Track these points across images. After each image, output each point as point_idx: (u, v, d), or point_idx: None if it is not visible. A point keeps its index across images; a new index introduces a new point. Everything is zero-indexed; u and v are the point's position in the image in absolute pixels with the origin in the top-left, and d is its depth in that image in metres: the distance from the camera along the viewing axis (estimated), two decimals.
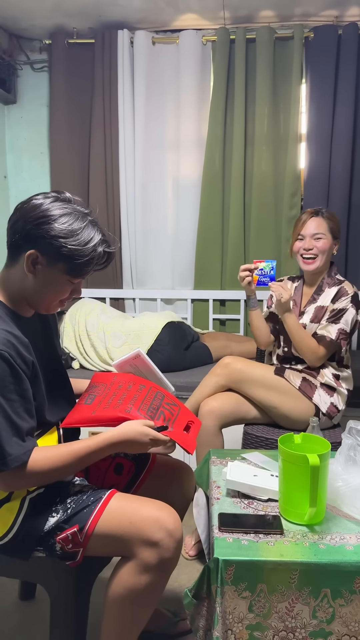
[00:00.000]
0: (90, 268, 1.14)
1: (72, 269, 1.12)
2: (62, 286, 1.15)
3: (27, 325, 1.19)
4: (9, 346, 1.06)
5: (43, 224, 1.08)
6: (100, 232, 1.14)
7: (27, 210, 1.10)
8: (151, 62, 2.82)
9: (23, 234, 1.10)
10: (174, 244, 2.98)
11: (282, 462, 1.24)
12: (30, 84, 3.02)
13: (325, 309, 1.87)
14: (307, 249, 1.86)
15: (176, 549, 1.13)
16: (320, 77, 2.68)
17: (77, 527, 1.13)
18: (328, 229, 1.87)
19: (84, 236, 1.10)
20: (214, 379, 1.92)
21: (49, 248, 1.09)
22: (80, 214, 1.12)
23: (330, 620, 1.11)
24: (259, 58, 2.71)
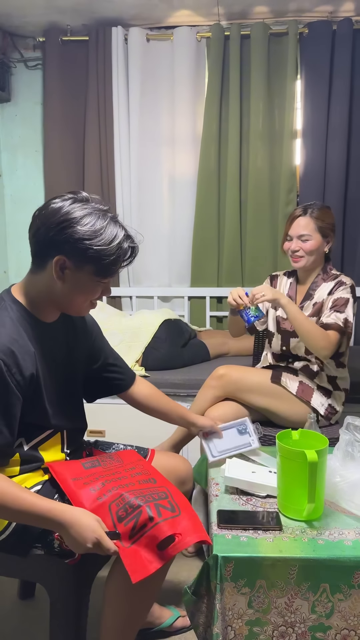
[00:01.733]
0: (118, 266, 1.13)
1: (100, 269, 1.11)
2: (92, 288, 1.15)
3: (45, 331, 1.19)
4: (7, 353, 1.06)
5: (66, 228, 1.07)
6: (123, 228, 1.13)
7: (47, 216, 1.09)
8: (145, 59, 2.81)
9: (47, 241, 1.09)
10: (170, 241, 2.98)
11: (281, 458, 1.24)
12: (24, 82, 3.00)
13: (323, 302, 1.84)
14: (294, 250, 1.84)
15: None
16: (315, 73, 2.68)
17: None
18: (316, 228, 1.82)
19: (108, 235, 1.09)
20: (211, 392, 1.88)
21: (75, 252, 1.08)
22: (101, 212, 1.11)
23: (330, 614, 1.12)
24: (253, 54, 2.70)
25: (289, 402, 1.82)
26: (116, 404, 1.48)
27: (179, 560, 1.78)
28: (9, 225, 3.12)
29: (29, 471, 1.21)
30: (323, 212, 1.85)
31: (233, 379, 1.85)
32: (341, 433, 1.36)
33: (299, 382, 1.85)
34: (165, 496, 1.15)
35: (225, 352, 2.70)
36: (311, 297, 1.89)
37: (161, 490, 1.17)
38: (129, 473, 1.24)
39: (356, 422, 1.35)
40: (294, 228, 1.84)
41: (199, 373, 2.40)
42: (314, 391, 1.84)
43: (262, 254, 2.86)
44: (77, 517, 1.05)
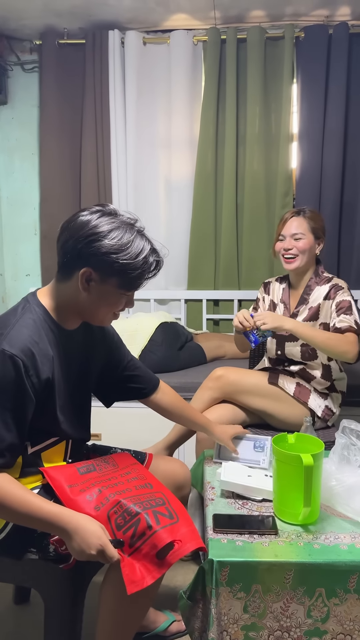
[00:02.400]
0: (143, 279, 1.15)
1: (125, 282, 1.13)
2: (116, 300, 1.17)
3: (65, 337, 1.20)
4: (27, 355, 1.07)
5: (94, 241, 1.09)
6: (149, 242, 1.15)
7: (76, 228, 1.11)
8: (142, 62, 2.82)
9: (75, 253, 1.11)
10: (166, 244, 2.89)
11: (276, 462, 1.24)
12: (20, 85, 3.00)
13: (319, 306, 1.85)
14: (287, 249, 1.84)
15: None
16: (311, 77, 2.69)
17: None
18: (309, 228, 1.84)
19: (134, 249, 1.10)
20: (208, 393, 1.87)
21: (101, 265, 1.10)
22: (128, 225, 1.13)
23: (325, 619, 1.12)
24: (250, 58, 2.71)
25: (286, 404, 1.82)
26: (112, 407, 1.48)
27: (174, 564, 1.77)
28: (5, 227, 3.12)
29: (27, 475, 1.20)
30: (315, 214, 1.89)
31: (230, 380, 1.85)
32: (337, 437, 1.36)
33: (296, 384, 1.85)
34: (162, 502, 1.15)
35: (222, 355, 2.70)
36: (306, 302, 1.88)
37: (158, 497, 1.16)
38: (125, 478, 1.24)
39: (352, 426, 1.35)
40: (287, 228, 1.85)
41: (196, 376, 2.39)
42: (311, 392, 1.84)
43: (259, 257, 2.86)
44: (82, 523, 1.05)
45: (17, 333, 1.09)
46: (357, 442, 1.33)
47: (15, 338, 1.08)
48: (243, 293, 2.90)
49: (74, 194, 2.93)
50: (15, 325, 1.11)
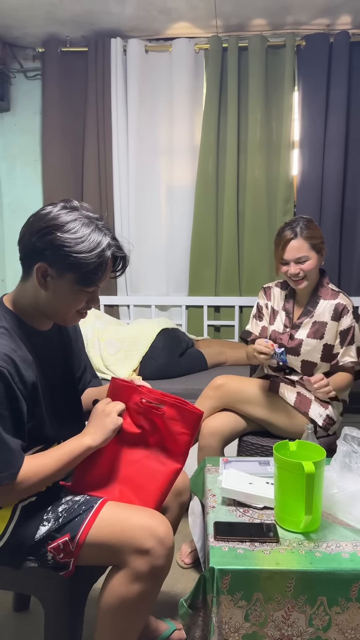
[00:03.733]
0: (101, 275, 1.11)
1: (81, 277, 1.09)
2: (75, 297, 1.12)
3: (40, 339, 1.18)
4: (8, 363, 1.05)
5: (47, 234, 1.06)
6: (109, 237, 1.11)
7: (33, 222, 1.09)
8: (144, 70, 2.84)
9: (30, 247, 1.08)
10: (168, 251, 2.99)
11: (278, 469, 1.23)
12: (23, 92, 3.02)
13: (325, 325, 1.82)
14: (294, 274, 1.80)
15: (167, 557, 1.12)
16: (312, 85, 2.70)
17: (69, 536, 1.11)
18: (310, 247, 1.79)
19: (89, 242, 1.07)
20: (209, 402, 1.86)
21: (55, 259, 1.07)
22: (88, 219, 1.10)
23: (327, 628, 1.11)
24: (251, 66, 2.72)
25: (286, 413, 1.82)
26: None
27: (174, 572, 1.77)
28: (7, 233, 3.13)
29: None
30: (311, 229, 1.82)
31: (231, 389, 1.85)
32: (339, 444, 1.35)
33: (297, 393, 1.84)
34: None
35: (223, 361, 2.70)
36: (310, 314, 1.86)
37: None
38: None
39: (354, 433, 1.35)
40: (288, 252, 1.79)
41: (197, 382, 2.39)
42: (311, 402, 1.83)
43: (260, 263, 2.86)
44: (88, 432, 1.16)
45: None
46: (359, 450, 1.32)
47: None
48: (244, 299, 2.90)
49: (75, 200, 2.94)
50: None
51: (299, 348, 1.85)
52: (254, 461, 1.59)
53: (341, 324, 1.83)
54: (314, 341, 1.84)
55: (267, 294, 2.00)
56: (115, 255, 1.13)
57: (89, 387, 1.42)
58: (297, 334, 1.87)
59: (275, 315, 1.95)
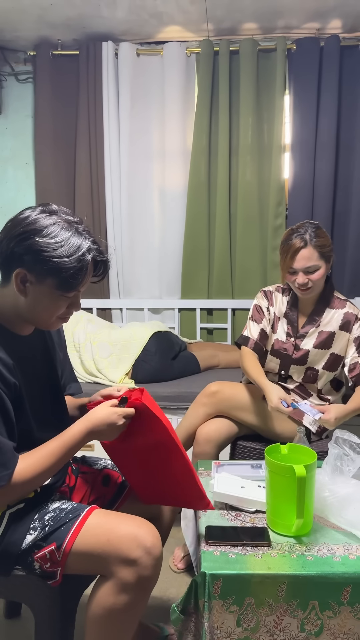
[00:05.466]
0: (81, 280, 1.09)
1: (61, 283, 1.07)
2: (55, 302, 1.10)
3: (21, 344, 1.16)
4: None
5: (25, 239, 1.04)
6: (89, 240, 1.09)
7: (11, 227, 1.07)
8: (136, 73, 2.84)
9: (8, 253, 1.06)
10: (160, 254, 2.98)
11: (269, 473, 1.23)
12: (14, 95, 3.01)
13: (333, 335, 1.79)
14: (302, 284, 1.74)
15: (155, 567, 1.10)
16: (303, 88, 2.71)
17: (55, 545, 1.09)
18: (319, 256, 1.71)
19: (69, 246, 1.05)
20: (202, 409, 1.84)
21: (34, 264, 1.04)
22: (67, 223, 1.08)
23: (319, 632, 1.11)
24: (242, 69, 2.73)
25: (280, 420, 1.80)
26: None
27: (167, 576, 1.76)
28: None
29: None
30: (321, 237, 1.74)
31: (225, 396, 1.83)
32: (330, 447, 1.35)
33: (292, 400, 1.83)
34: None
35: (216, 364, 2.70)
36: (315, 323, 1.82)
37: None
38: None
39: (345, 436, 1.35)
40: (298, 261, 1.71)
41: (189, 386, 2.39)
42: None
43: (252, 266, 2.87)
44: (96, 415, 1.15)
45: None
46: (350, 453, 1.32)
47: None
48: (237, 302, 2.91)
49: (67, 203, 2.93)
50: None
51: (305, 358, 1.82)
52: (246, 465, 1.59)
53: (354, 333, 1.78)
54: (320, 351, 1.80)
55: (268, 298, 1.92)
56: (95, 259, 1.11)
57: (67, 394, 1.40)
58: (303, 343, 1.82)
59: (277, 322, 1.89)
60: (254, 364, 1.80)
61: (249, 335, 1.89)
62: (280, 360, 1.87)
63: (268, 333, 1.88)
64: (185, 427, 1.86)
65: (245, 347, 1.88)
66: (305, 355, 1.82)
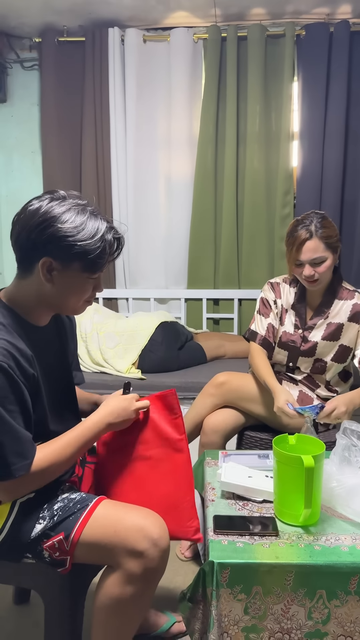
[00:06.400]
0: (105, 259, 1.12)
1: (88, 265, 1.10)
2: (83, 285, 1.14)
3: (38, 335, 1.17)
4: (8, 357, 1.04)
5: (47, 228, 1.05)
6: (104, 220, 1.11)
7: (26, 219, 1.08)
8: (142, 60, 2.81)
9: (30, 245, 1.08)
10: (166, 243, 2.97)
11: (277, 463, 1.23)
12: (20, 83, 2.99)
13: (342, 327, 1.77)
14: (309, 276, 1.71)
15: (161, 559, 1.10)
16: (312, 75, 2.67)
17: (63, 535, 1.10)
18: (325, 247, 1.68)
19: (90, 228, 1.07)
20: (210, 400, 1.84)
21: (59, 251, 1.07)
22: (79, 206, 1.09)
23: (326, 621, 1.12)
24: (250, 56, 2.69)
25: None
26: None
27: (174, 564, 1.77)
28: (4, 226, 3.11)
29: None
30: (327, 228, 1.70)
31: (233, 387, 1.82)
32: (338, 438, 1.35)
33: (299, 392, 1.83)
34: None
35: (222, 354, 2.70)
36: (324, 314, 1.79)
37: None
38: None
39: (353, 427, 1.35)
40: (304, 253, 1.68)
41: (196, 376, 2.39)
42: (313, 400, 1.82)
43: (259, 256, 2.85)
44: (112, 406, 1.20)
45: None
46: (358, 443, 1.32)
47: None
48: (243, 292, 2.90)
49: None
50: None
51: (314, 350, 1.81)
52: (253, 454, 1.59)
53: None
54: (329, 343, 1.78)
55: (275, 290, 1.88)
56: (114, 237, 1.13)
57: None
58: (311, 335, 1.80)
59: (284, 314, 1.87)
60: (263, 364, 1.79)
61: (257, 330, 1.87)
62: (288, 352, 1.85)
63: (276, 327, 1.87)
64: (192, 417, 1.86)
65: (254, 343, 1.87)
66: (314, 347, 1.80)
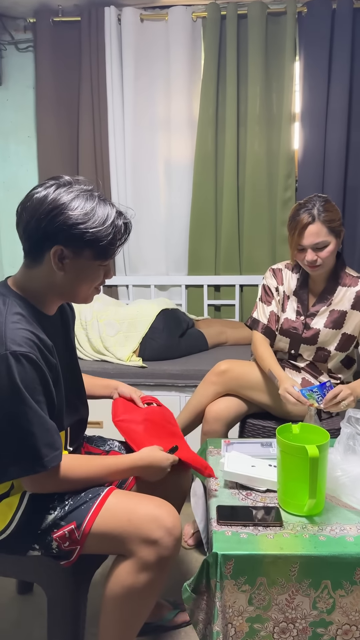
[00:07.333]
0: (116, 245, 1.11)
1: (99, 252, 1.09)
2: (94, 272, 1.13)
3: (50, 324, 1.17)
4: (34, 348, 1.04)
5: (57, 215, 1.04)
6: (113, 206, 1.10)
7: (34, 207, 1.05)
8: (140, 40, 2.73)
9: (40, 234, 1.05)
10: (166, 229, 2.93)
11: (281, 453, 1.22)
12: (15, 65, 2.92)
13: (345, 314, 1.74)
14: (311, 261, 1.68)
15: (175, 547, 1.12)
16: (314, 54, 2.60)
17: (75, 525, 1.10)
18: (328, 231, 1.65)
19: (100, 215, 1.06)
20: (212, 388, 1.83)
21: (71, 239, 1.05)
22: (87, 193, 1.07)
23: (331, 610, 1.11)
24: (250, 34, 2.62)
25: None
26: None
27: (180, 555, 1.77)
28: (2, 213, 3.06)
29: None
30: (330, 211, 1.67)
31: (235, 375, 1.81)
32: (342, 426, 1.34)
33: (302, 379, 1.81)
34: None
35: (224, 341, 2.67)
36: (327, 301, 1.77)
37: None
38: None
39: (358, 415, 1.33)
40: (306, 238, 1.65)
41: (197, 363, 2.37)
42: None
43: (260, 241, 2.81)
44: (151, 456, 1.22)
45: (15, 331, 1.04)
46: None
47: (17, 336, 1.03)
48: (244, 278, 2.86)
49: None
50: (8, 324, 1.05)
51: (316, 338, 1.78)
52: (256, 443, 1.58)
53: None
54: (331, 331, 1.76)
55: (277, 276, 1.86)
56: (123, 222, 1.12)
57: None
58: (313, 322, 1.78)
59: (286, 301, 1.84)
60: (267, 353, 1.78)
61: (259, 318, 1.86)
62: (290, 339, 1.83)
63: (278, 315, 1.84)
64: (194, 406, 1.85)
65: (256, 331, 1.85)
66: (316, 334, 1.78)
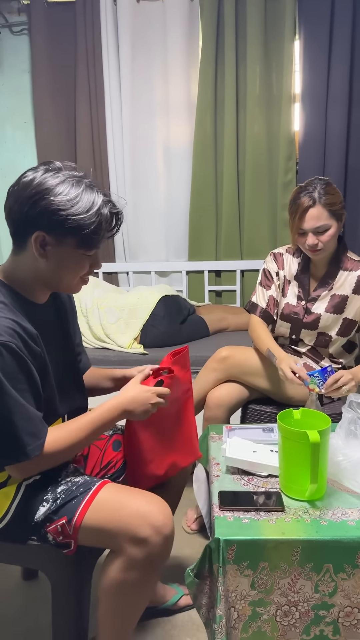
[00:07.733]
0: (101, 235, 1.06)
1: (82, 240, 1.05)
2: (78, 262, 1.09)
3: (39, 313, 1.14)
4: (14, 337, 1.01)
5: (39, 200, 1.01)
6: (101, 193, 1.06)
7: (20, 191, 1.03)
8: (136, 21, 2.68)
9: (22, 218, 1.03)
10: (166, 214, 2.90)
11: (282, 439, 1.21)
12: (9, 49, 2.87)
13: (346, 299, 1.72)
14: (312, 245, 1.66)
15: (164, 546, 1.09)
16: (314, 33, 2.55)
17: (66, 519, 1.09)
18: (329, 215, 1.64)
19: (85, 202, 1.02)
20: (213, 375, 1.82)
21: (52, 225, 1.02)
22: (75, 178, 1.04)
23: (333, 593, 1.12)
24: (249, 13, 2.56)
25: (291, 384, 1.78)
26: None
27: (181, 537, 1.79)
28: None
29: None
30: (331, 194, 1.65)
31: (236, 361, 1.80)
32: (344, 411, 1.33)
33: (303, 364, 1.80)
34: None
35: (225, 327, 2.67)
36: (328, 286, 1.75)
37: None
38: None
39: (359, 400, 1.32)
40: (307, 221, 1.63)
41: (199, 349, 2.36)
42: None
43: (261, 225, 2.78)
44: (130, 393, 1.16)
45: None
46: None
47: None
48: (245, 263, 2.84)
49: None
50: None
51: (317, 323, 1.77)
52: (257, 428, 1.58)
53: None
54: (332, 316, 1.74)
55: (278, 261, 1.84)
56: (111, 211, 1.08)
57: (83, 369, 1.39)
58: (314, 307, 1.77)
59: (287, 286, 1.83)
60: (265, 334, 1.77)
61: (258, 302, 1.85)
62: (291, 324, 1.82)
63: (277, 299, 1.83)
64: (196, 392, 1.84)
65: (254, 315, 1.84)
66: (317, 319, 1.77)
